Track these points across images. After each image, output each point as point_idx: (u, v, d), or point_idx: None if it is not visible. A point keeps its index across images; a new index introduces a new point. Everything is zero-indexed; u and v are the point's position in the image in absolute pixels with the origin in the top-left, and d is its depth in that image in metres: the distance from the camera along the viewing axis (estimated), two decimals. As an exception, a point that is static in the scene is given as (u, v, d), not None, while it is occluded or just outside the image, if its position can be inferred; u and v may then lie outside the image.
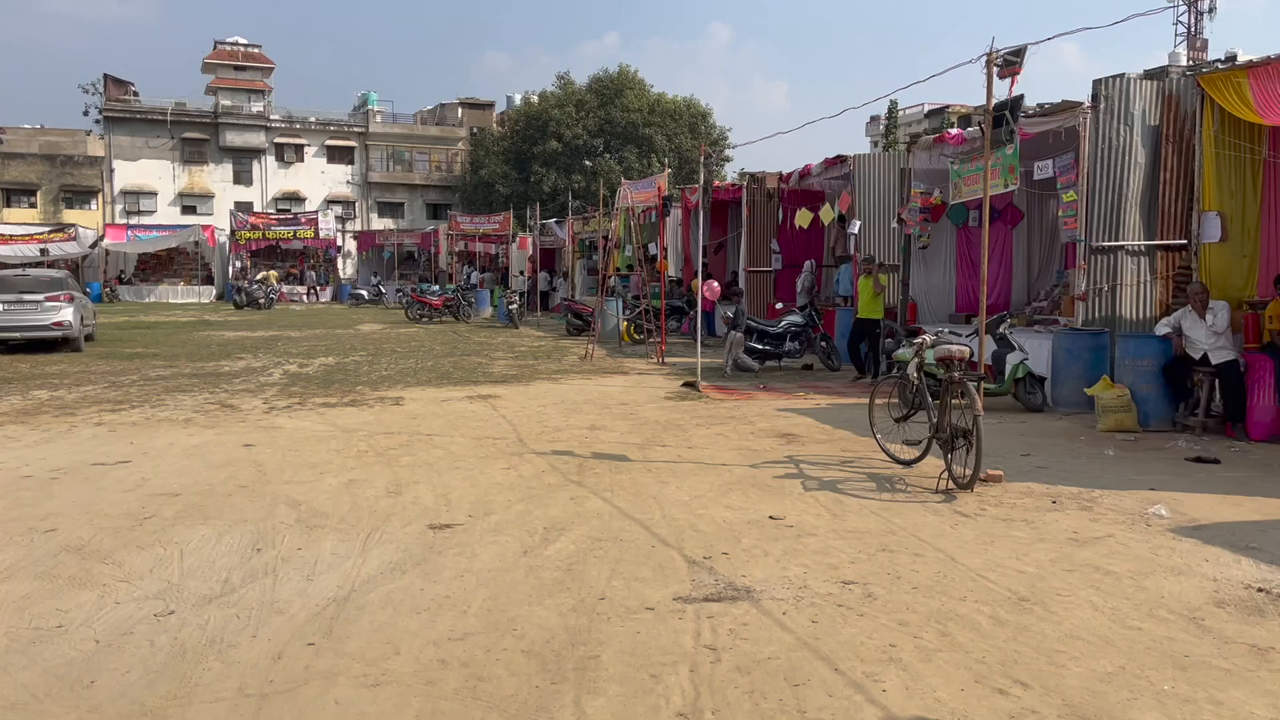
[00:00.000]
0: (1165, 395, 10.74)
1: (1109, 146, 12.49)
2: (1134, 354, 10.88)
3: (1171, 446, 9.72)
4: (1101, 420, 10.69)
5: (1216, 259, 11.03)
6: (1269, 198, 11.08)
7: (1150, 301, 12.76)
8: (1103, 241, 12.58)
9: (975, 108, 40.69)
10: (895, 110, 69.27)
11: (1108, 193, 12.56)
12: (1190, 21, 59.04)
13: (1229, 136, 10.84)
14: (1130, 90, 12.49)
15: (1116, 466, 8.79)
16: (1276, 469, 8.68)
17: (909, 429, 8.85)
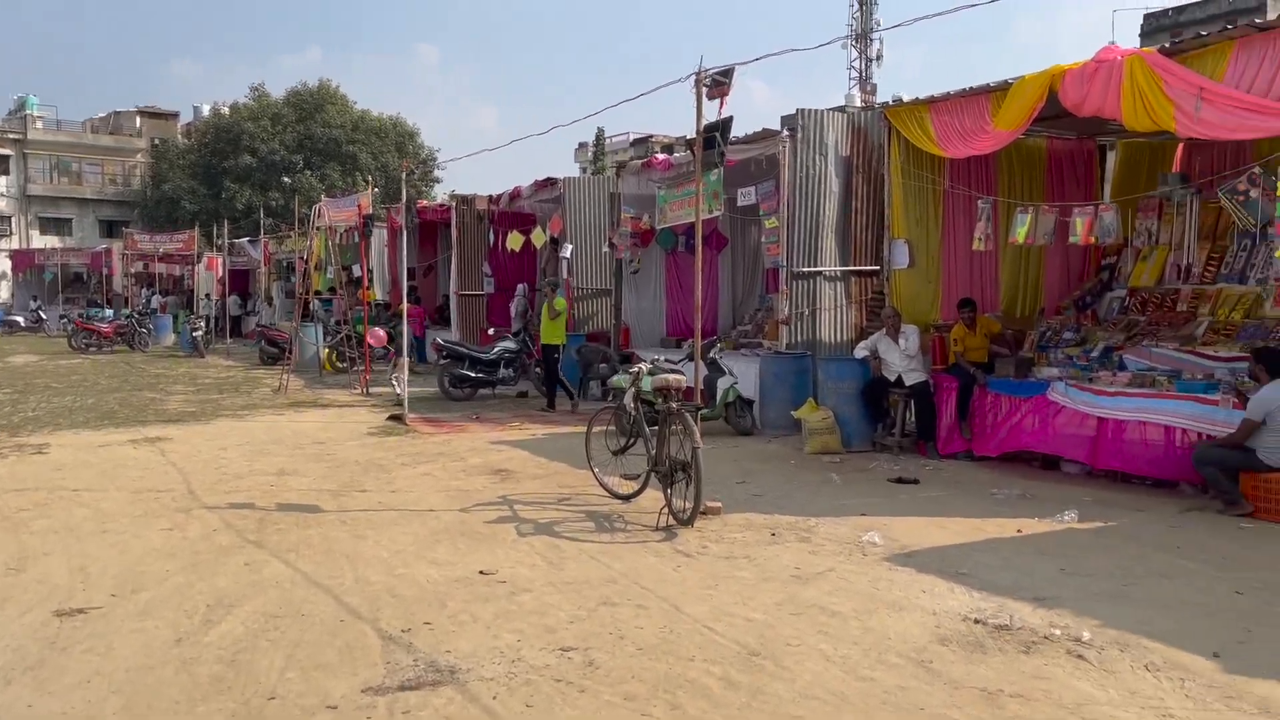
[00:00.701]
0: (865, 416, 11.08)
1: (806, 175, 12.87)
2: (835, 376, 11.16)
3: (874, 467, 9.97)
4: (809, 442, 10.84)
5: (906, 284, 11.57)
6: (949, 227, 11.78)
7: (847, 325, 13.26)
8: (803, 267, 12.93)
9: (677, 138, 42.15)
10: (602, 138, 70.83)
11: (806, 220, 12.93)
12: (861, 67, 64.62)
13: (914, 168, 11.41)
14: (824, 121, 12.94)
15: (828, 491, 8.82)
16: (967, 486, 9.05)
17: (627, 461, 8.43)
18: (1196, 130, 8.16)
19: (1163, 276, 11.07)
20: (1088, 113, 9.05)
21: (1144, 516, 7.68)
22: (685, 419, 7.33)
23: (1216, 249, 10.59)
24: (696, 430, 7.24)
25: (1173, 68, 8.26)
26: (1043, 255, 12.23)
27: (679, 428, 7.48)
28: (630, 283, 16.99)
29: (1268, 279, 9.91)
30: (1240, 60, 7.92)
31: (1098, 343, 10.55)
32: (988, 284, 12.09)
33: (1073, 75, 9.01)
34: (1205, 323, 10.04)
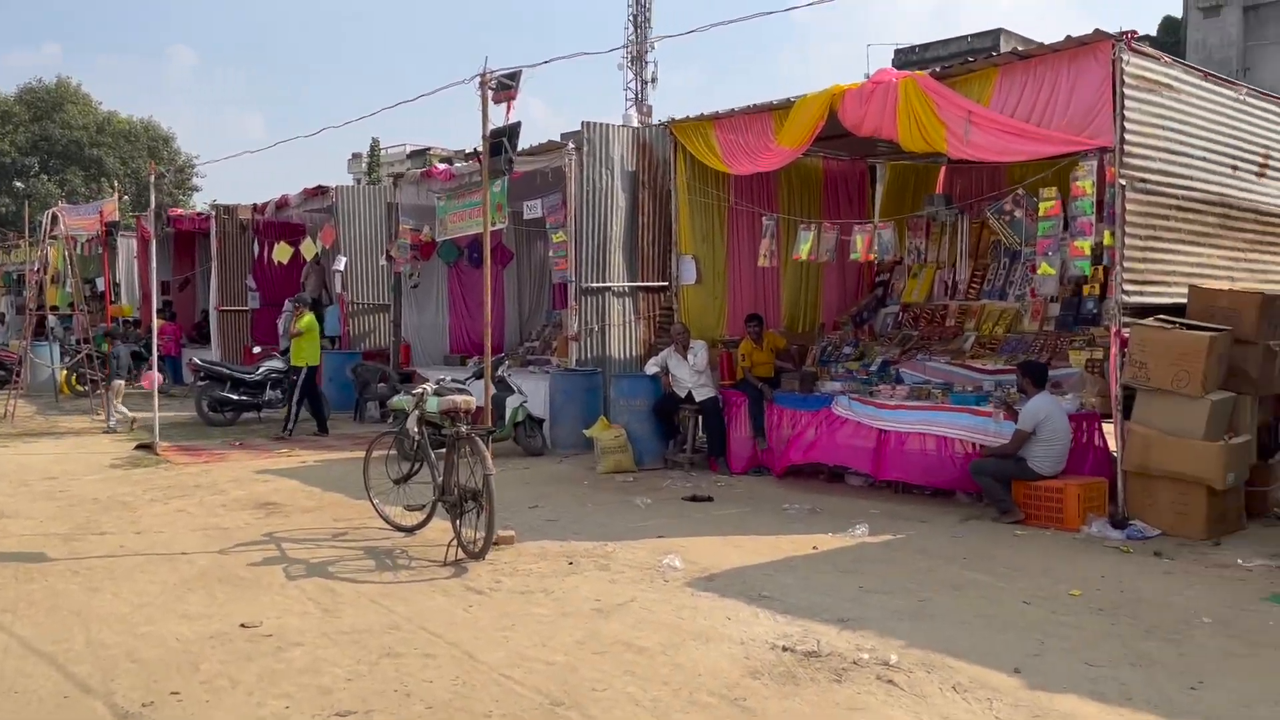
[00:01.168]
0: (657, 433, 10.92)
1: (593, 189, 12.64)
2: (627, 394, 10.95)
3: (668, 485, 9.79)
4: (601, 462, 10.56)
5: (694, 300, 11.53)
6: (734, 243, 11.85)
7: (636, 341, 13.10)
8: (591, 283, 12.67)
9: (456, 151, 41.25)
10: (378, 148, 68.50)
11: (594, 235, 12.69)
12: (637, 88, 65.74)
13: (700, 184, 11.40)
14: (609, 135, 12.76)
15: (623, 513, 8.53)
16: (760, 502, 9.02)
17: (411, 490, 7.80)
18: (967, 152, 8.50)
19: (932, 293, 11.58)
20: (866, 132, 9.28)
21: (928, 528, 7.85)
22: (476, 444, 6.82)
23: (980, 267, 11.16)
24: (488, 456, 6.75)
25: (943, 91, 8.58)
26: (821, 272, 12.54)
27: (469, 453, 6.96)
28: (410, 297, 16.22)
29: (1025, 295, 10.51)
30: (1004, 86, 8.31)
31: (875, 357, 10.87)
32: (771, 300, 12.27)
33: (852, 95, 9.22)
34: (972, 337, 10.54)
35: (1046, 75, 8.05)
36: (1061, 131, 7.91)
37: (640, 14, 64.66)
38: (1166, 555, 6.89)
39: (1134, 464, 7.59)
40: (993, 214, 8.56)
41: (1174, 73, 8.16)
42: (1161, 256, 8.12)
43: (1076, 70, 7.85)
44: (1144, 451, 7.51)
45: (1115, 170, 7.65)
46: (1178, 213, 8.24)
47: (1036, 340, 9.94)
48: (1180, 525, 7.41)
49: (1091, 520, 7.61)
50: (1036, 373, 8.13)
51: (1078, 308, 9.96)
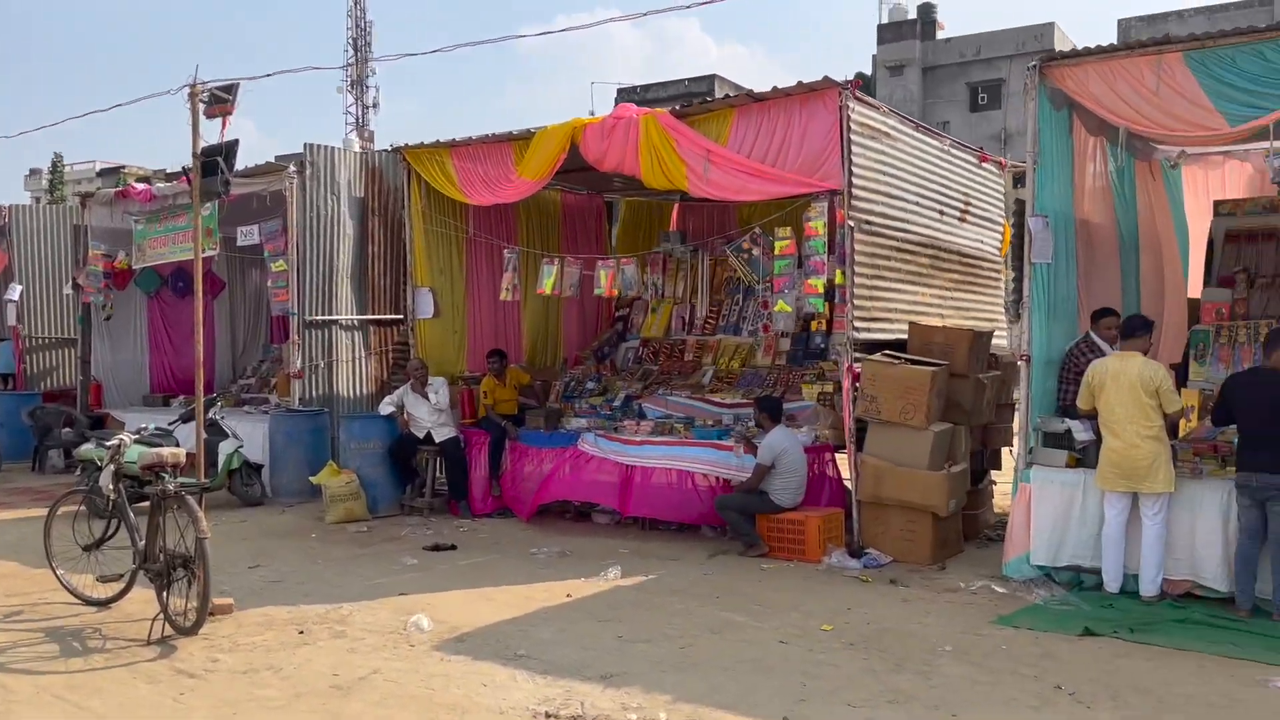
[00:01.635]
0: (393, 477, 10.25)
1: (318, 215, 11.81)
2: (359, 435, 10.21)
3: (407, 534, 9.17)
4: (330, 511, 9.75)
5: (431, 334, 10.98)
6: (473, 275, 11.42)
7: (367, 378, 12.34)
8: (316, 315, 11.81)
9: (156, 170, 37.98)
10: (60, 164, 61.82)
11: (319, 264, 11.84)
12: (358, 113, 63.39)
13: (437, 213, 10.90)
14: (336, 159, 12.00)
15: (358, 568, 7.85)
16: (507, 547, 8.62)
17: (105, 557, 6.75)
18: (706, 190, 8.61)
19: (670, 328, 11.70)
20: (609, 168, 9.21)
21: (679, 566, 7.78)
22: (186, 502, 5.96)
23: (715, 302, 11.41)
24: (202, 516, 5.92)
25: (683, 129, 8.65)
26: (562, 306, 12.36)
27: (177, 513, 6.08)
28: (102, 331, 14.44)
29: (759, 330, 10.84)
30: (741, 127, 8.50)
31: (618, 392, 10.81)
32: (512, 334, 11.94)
33: (593, 130, 9.12)
34: (710, 371, 10.72)
35: (780, 118, 8.30)
36: (795, 173, 8.17)
37: (360, 37, 62.71)
38: (901, 582, 7.17)
39: (867, 494, 7.90)
40: (732, 251, 8.73)
41: (891, 121, 8.67)
42: (885, 295, 8.57)
43: (808, 114, 8.16)
44: (876, 482, 7.84)
45: (845, 212, 7.99)
46: (897, 253, 8.75)
47: (770, 374, 10.24)
48: (909, 552, 7.77)
49: (831, 551, 7.83)
50: (772, 408, 8.31)
51: (807, 343, 10.38)
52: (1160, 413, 6.51)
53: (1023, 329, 7.27)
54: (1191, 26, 34.45)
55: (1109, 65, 6.83)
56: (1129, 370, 6.54)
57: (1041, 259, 7.16)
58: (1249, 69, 6.35)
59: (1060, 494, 7.00)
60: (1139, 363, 6.57)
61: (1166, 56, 6.61)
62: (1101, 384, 6.64)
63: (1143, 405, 6.47)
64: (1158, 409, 6.49)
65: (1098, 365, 6.76)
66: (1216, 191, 10.15)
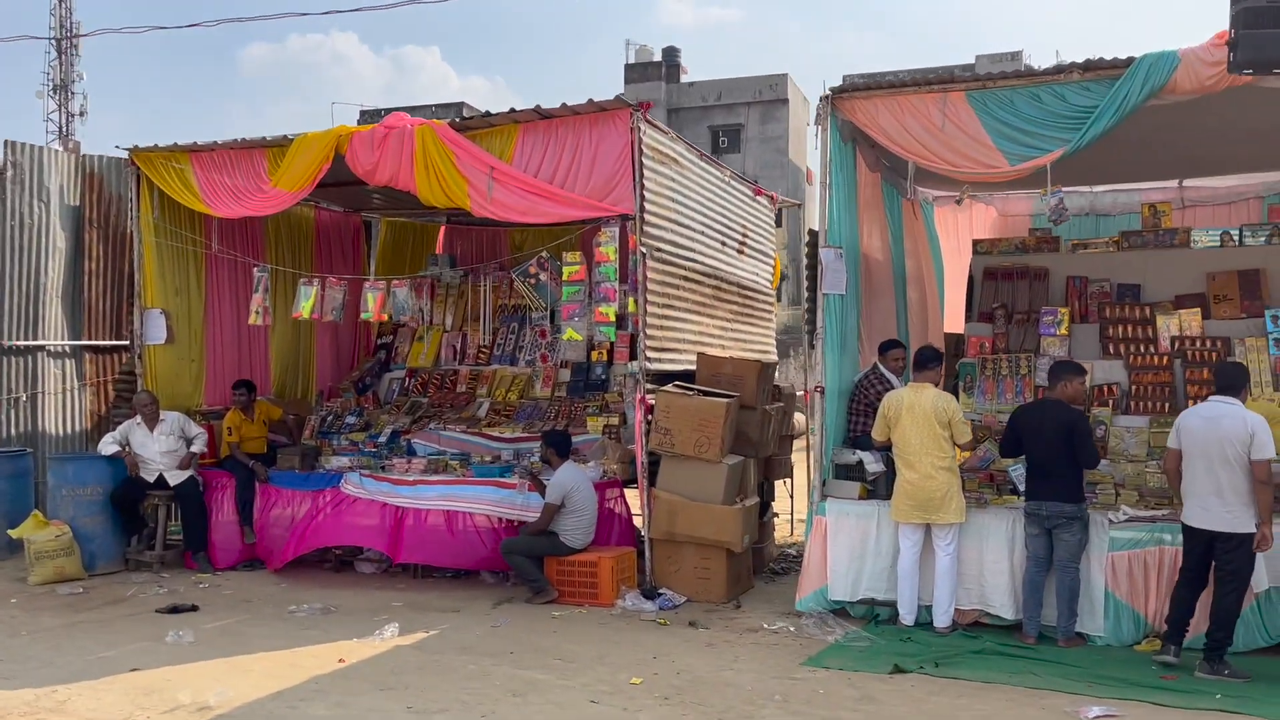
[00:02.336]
0: (116, 528, 8.84)
1: (21, 225, 10.19)
2: (74, 479, 8.73)
3: (135, 594, 7.88)
4: (36, 570, 8.24)
5: (164, 363, 9.61)
6: (213, 296, 10.17)
7: (82, 413, 10.74)
8: (16, 340, 10.13)
9: None
10: None
11: (22, 281, 10.20)
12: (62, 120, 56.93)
13: (171, 225, 9.62)
14: (45, 161, 10.43)
15: (76, 639, 6.58)
16: (260, 605, 7.58)
17: None
18: (491, 210, 8.04)
19: (439, 357, 10.95)
20: (381, 181, 8.43)
21: (463, 619, 7.09)
22: None
23: (490, 330, 10.79)
24: None
25: (463, 143, 8.07)
26: (314, 333, 11.29)
27: None
28: None
29: (536, 360, 10.34)
30: (527, 145, 8.02)
31: (383, 427, 9.93)
32: (259, 363, 10.72)
33: (361, 139, 8.34)
34: (485, 404, 10.08)
35: (569, 138, 7.90)
36: (586, 196, 7.78)
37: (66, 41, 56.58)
38: (701, 624, 6.87)
39: (660, 531, 7.57)
40: (518, 276, 8.19)
41: (679, 148, 8.50)
42: (674, 324, 8.34)
43: (598, 135, 7.80)
44: (669, 518, 7.52)
45: (637, 238, 7.69)
46: (685, 282, 8.56)
47: (551, 407, 9.76)
48: (704, 590, 7.50)
49: (625, 593, 7.42)
50: (560, 443, 7.81)
51: (588, 374, 10.00)
52: (952, 443, 6.61)
53: (816, 360, 7.23)
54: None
55: (898, 100, 6.94)
56: (922, 402, 6.61)
57: (834, 290, 7.15)
58: (1025, 110, 6.62)
59: (855, 526, 6.96)
60: (932, 394, 6.65)
61: (951, 95, 6.79)
62: (897, 416, 6.66)
63: (936, 436, 6.54)
64: (950, 440, 6.59)
65: (892, 397, 6.79)
66: (966, 232, 10.81)
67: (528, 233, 12.01)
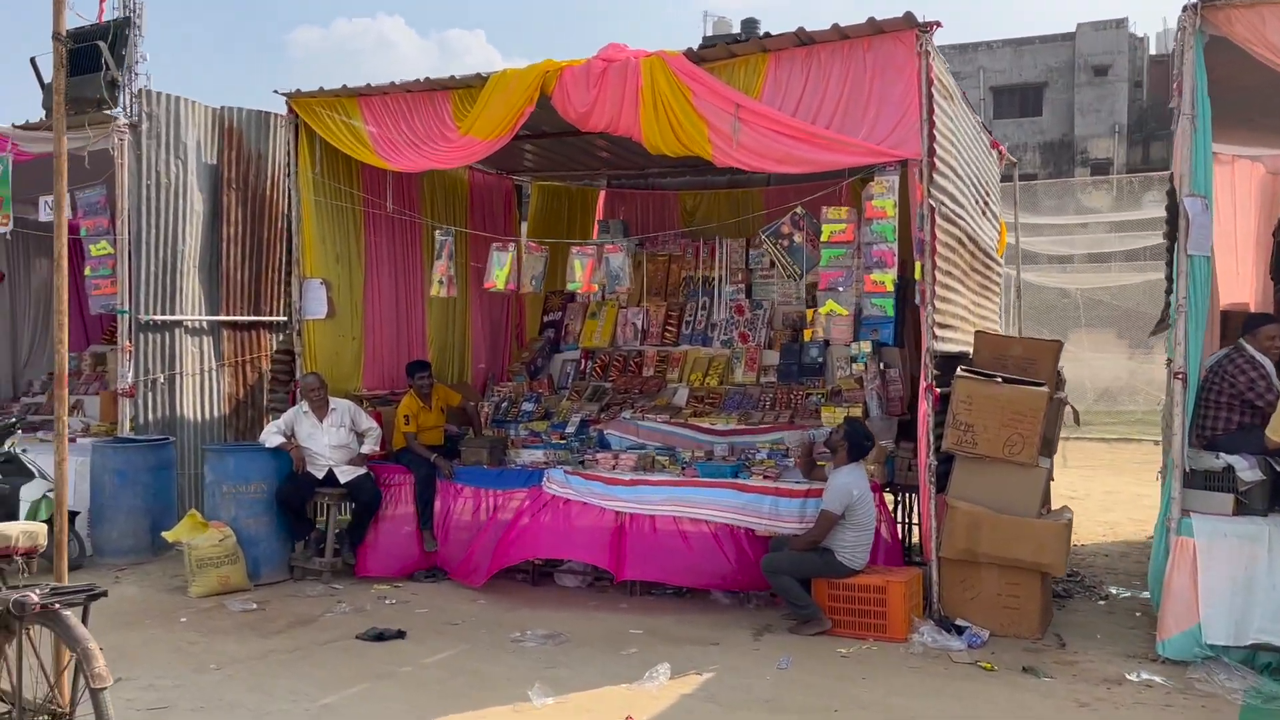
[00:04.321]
0: (280, 531, 7.66)
1: (158, 185, 9.05)
2: (235, 476, 7.54)
3: (323, 616, 6.67)
4: (197, 580, 7.08)
5: (322, 341, 8.40)
6: (372, 263, 8.93)
7: (219, 397, 9.61)
8: (154, 315, 9.01)
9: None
10: None
11: (159, 248, 9.08)
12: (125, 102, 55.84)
13: (330, 180, 8.39)
14: (182, 112, 9.26)
15: (276, 677, 5.36)
16: (472, 630, 6.34)
17: None
18: (737, 158, 6.67)
19: (614, 336, 9.64)
20: (596, 126, 7.10)
21: (733, 656, 5.78)
22: (63, 625, 3.42)
23: (674, 306, 9.46)
24: (97, 650, 3.37)
25: (702, 77, 6.70)
26: (468, 308, 10.05)
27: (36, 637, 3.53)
28: None
29: (733, 339, 8.98)
30: (779, 76, 6.63)
31: (565, 415, 8.66)
32: (415, 342, 9.48)
33: (574, 75, 7.01)
34: (682, 390, 8.75)
35: (835, 67, 6.48)
36: (859, 139, 6.37)
37: None
38: (1039, 671, 5.48)
39: (956, 549, 6.17)
40: (768, 237, 6.82)
41: (951, 82, 7.07)
42: (951, 295, 6.94)
43: (875, 63, 6.37)
44: (970, 533, 6.12)
45: (924, 188, 6.28)
46: (959, 246, 7.15)
47: (764, 394, 8.40)
48: (1011, 622, 6.11)
49: (917, 625, 6.05)
50: (860, 439, 6.35)
51: (800, 355, 8.62)
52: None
53: (1177, 339, 5.76)
54: (999, 58, 35.62)
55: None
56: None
57: (1200, 250, 5.69)
58: None
59: (1237, 551, 5.51)
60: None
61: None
62: (1312, 410, 5.22)
63: (1370, 438, 5.08)
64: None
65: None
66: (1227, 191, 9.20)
67: (701, 197, 10.69)
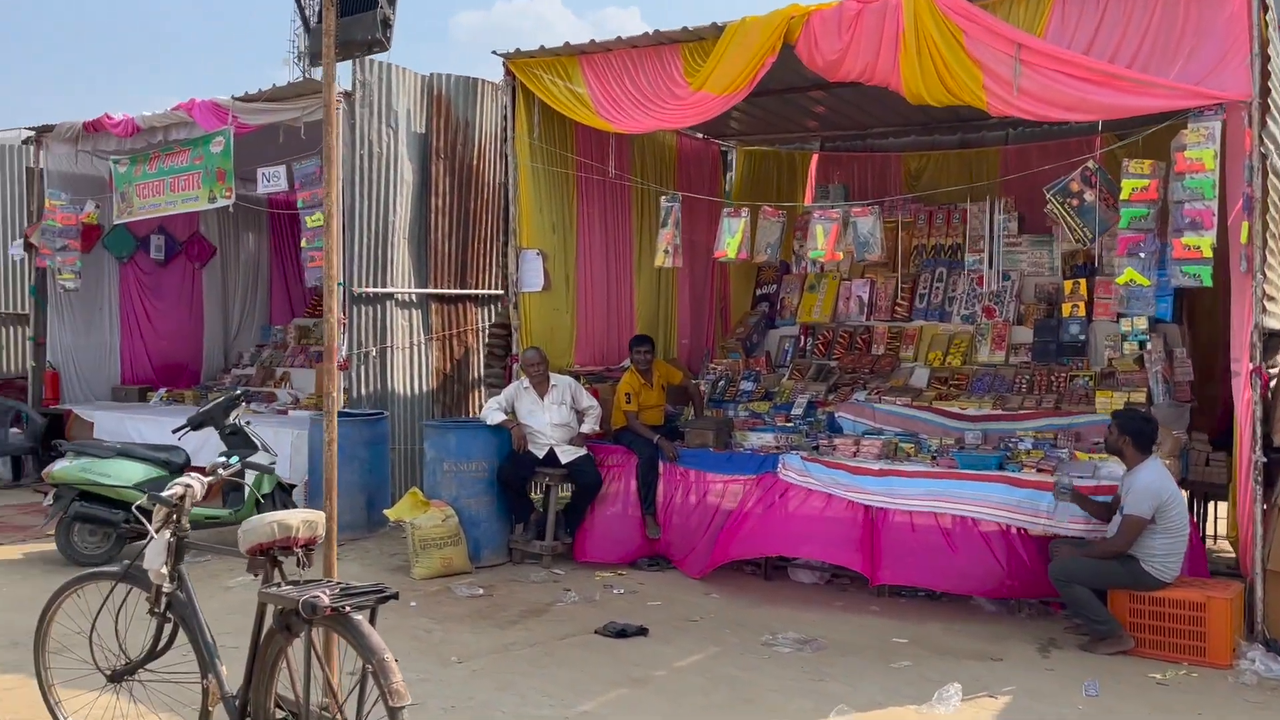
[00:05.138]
0: (500, 511, 7.34)
1: (370, 154, 8.87)
2: (457, 453, 7.24)
3: (554, 603, 6.29)
4: (420, 560, 6.83)
5: (537, 314, 8.05)
6: (584, 232, 8.52)
7: (427, 371, 9.42)
8: (367, 287, 8.86)
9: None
10: None
11: (371, 219, 8.91)
12: (307, 37, 55.20)
13: (546, 145, 7.99)
14: (394, 80, 9.05)
15: (530, 678, 4.97)
16: (711, 629, 5.82)
17: (150, 692, 3.81)
18: (1017, 105, 5.86)
19: (835, 310, 8.93)
20: (847, 75, 6.41)
21: (1022, 674, 5.06)
22: (355, 631, 3.04)
23: (905, 277, 8.68)
24: (393, 664, 2.98)
25: (977, 15, 5.90)
26: (675, 279, 9.54)
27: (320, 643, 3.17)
28: (61, 305, 11.15)
29: (977, 314, 8.14)
30: (1069, 11, 5.79)
31: (789, 395, 8.03)
32: (624, 316, 9.06)
33: (824, 20, 6.33)
34: (921, 370, 7.99)
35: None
36: (1170, 79, 5.46)
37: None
38: None
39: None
40: (1054, 196, 5.97)
41: (1273, 16, 6.01)
42: (1274, 263, 5.94)
43: (1192, -9, 5.46)
44: (1308, 543, 5.18)
45: (1254, 136, 5.32)
46: (1278, 206, 6.12)
47: (1019, 375, 7.54)
48: (1357, 648, 5.15)
49: (1243, 650, 5.17)
50: (1141, 430, 5.52)
51: (1057, 332, 7.71)
52: None
53: None
54: None
55: None
56: None
57: None
58: None
59: None
60: None
61: None
62: None
63: None
64: None
65: None
66: None
67: (928, 158, 9.83)
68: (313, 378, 11.32)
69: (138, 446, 7.66)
